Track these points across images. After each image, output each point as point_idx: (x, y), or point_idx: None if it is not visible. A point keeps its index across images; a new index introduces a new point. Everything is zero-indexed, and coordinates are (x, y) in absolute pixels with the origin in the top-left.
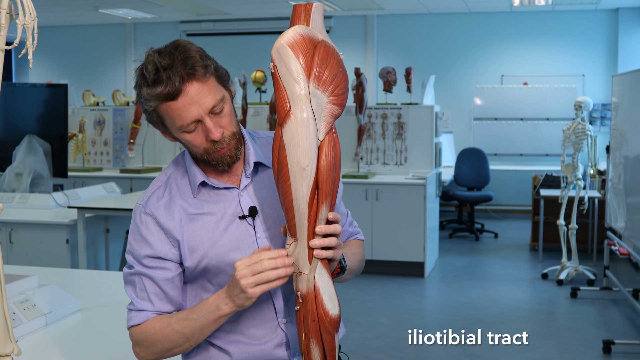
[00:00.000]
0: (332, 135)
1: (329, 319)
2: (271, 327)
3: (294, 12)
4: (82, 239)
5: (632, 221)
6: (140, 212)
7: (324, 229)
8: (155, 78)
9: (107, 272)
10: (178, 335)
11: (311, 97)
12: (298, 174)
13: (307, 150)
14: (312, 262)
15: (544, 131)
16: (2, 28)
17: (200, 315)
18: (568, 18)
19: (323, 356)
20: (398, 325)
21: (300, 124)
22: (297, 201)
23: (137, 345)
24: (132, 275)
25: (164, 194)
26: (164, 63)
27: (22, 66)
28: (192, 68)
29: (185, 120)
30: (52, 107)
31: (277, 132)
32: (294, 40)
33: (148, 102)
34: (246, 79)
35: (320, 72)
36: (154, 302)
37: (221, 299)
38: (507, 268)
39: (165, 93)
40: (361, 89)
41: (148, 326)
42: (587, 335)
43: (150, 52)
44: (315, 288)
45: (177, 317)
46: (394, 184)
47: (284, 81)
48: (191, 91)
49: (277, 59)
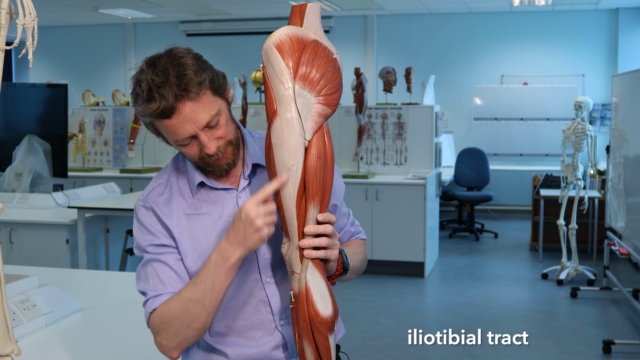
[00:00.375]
0: (321, 135)
1: (319, 319)
2: (269, 329)
3: (291, 13)
4: (82, 239)
5: (632, 221)
6: (140, 207)
7: (313, 229)
8: (149, 97)
9: (107, 272)
10: (192, 304)
11: (297, 97)
12: (284, 173)
13: (292, 151)
14: (302, 261)
15: (544, 131)
16: (2, 28)
17: (208, 274)
18: (568, 18)
19: (317, 356)
20: (398, 325)
21: (285, 124)
22: (284, 200)
23: (157, 334)
24: (144, 266)
25: (164, 191)
26: (157, 81)
27: (22, 66)
28: (185, 87)
29: (179, 136)
30: (52, 107)
31: (267, 131)
32: (281, 41)
33: (143, 117)
34: (246, 79)
35: (307, 71)
36: (166, 283)
37: (227, 248)
38: (507, 268)
39: (159, 112)
40: (361, 89)
41: (163, 308)
42: (587, 335)
43: (144, 67)
44: (306, 288)
45: (186, 287)
46: (394, 184)
47: (271, 81)
48: (185, 110)
49: (265, 60)
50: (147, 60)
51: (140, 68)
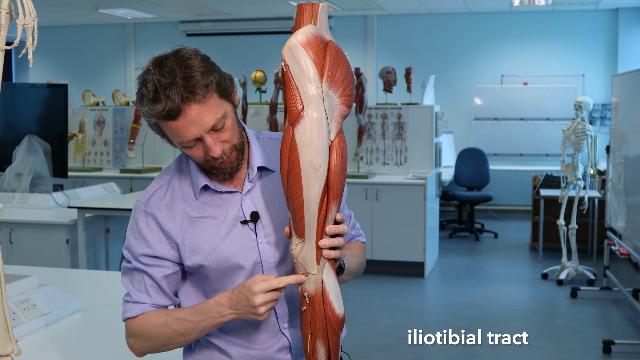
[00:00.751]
0: (341, 135)
1: (336, 318)
2: (272, 331)
3: (299, 12)
4: (82, 239)
5: (632, 221)
6: (141, 210)
7: (334, 229)
8: (155, 97)
9: (107, 272)
10: (175, 334)
11: (324, 97)
12: (311, 174)
13: (321, 151)
14: (320, 262)
15: (544, 131)
16: (2, 28)
17: (200, 318)
18: (568, 18)
19: (328, 356)
20: (398, 325)
21: (314, 124)
22: (308, 201)
23: (131, 337)
24: (132, 270)
25: (165, 194)
26: (164, 82)
27: (22, 66)
28: (192, 89)
29: (184, 138)
30: (52, 107)
31: (288, 131)
32: (307, 39)
33: (148, 118)
34: (246, 79)
35: (333, 72)
36: (151, 294)
37: (224, 309)
38: (507, 268)
39: (165, 113)
40: (361, 89)
41: (145, 320)
42: (587, 335)
43: (150, 67)
44: (323, 288)
45: (174, 316)
46: (394, 184)
47: (297, 80)
48: (191, 112)
49: (290, 58)
50: (154, 61)
51: (147, 68)
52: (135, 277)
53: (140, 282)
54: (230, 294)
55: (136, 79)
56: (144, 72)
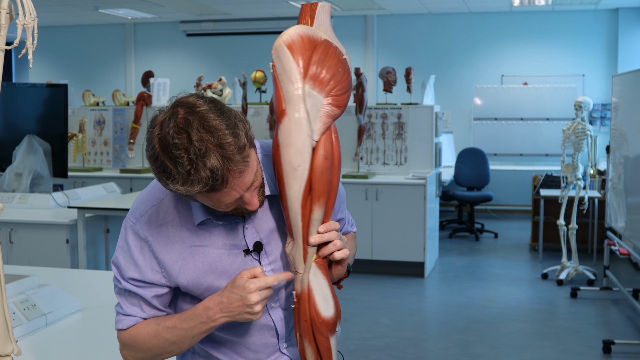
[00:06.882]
0: (329, 136)
1: (320, 320)
2: (272, 351)
3: (301, 12)
4: (82, 239)
5: (632, 221)
6: (132, 232)
7: (318, 239)
8: (197, 178)
9: (107, 272)
10: (168, 343)
11: (306, 97)
12: (290, 173)
13: (300, 151)
14: (306, 262)
15: (544, 131)
16: (2, 28)
17: (191, 325)
18: (568, 18)
19: (318, 357)
20: (398, 325)
21: (293, 123)
22: (289, 201)
23: (125, 348)
24: (120, 288)
25: (158, 216)
26: (197, 151)
27: (22, 66)
28: (231, 159)
29: (225, 202)
30: (52, 107)
31: (275, 131)
32: (292, 40)
33: (185, 194)
34: (246, 79)
35: (317, 71)
36: (144, 309)
37: (214, 313)
38: (507, 268)
39: (207, 190)
40: (361, 89)
41: (137, 331)
42: (587, 335)
43: (175, 140)
44: (308, 288)
45: (164, 324)
46: (394, 184)
47: (281, 81)
48: (234, 181)
49: (275, 59)
50: (174, 127)
51: (172, 142)
52: (125, 291)
53: (132, 297)
54: (220, 297)
55: (152, 148)
56: (167, 146)
